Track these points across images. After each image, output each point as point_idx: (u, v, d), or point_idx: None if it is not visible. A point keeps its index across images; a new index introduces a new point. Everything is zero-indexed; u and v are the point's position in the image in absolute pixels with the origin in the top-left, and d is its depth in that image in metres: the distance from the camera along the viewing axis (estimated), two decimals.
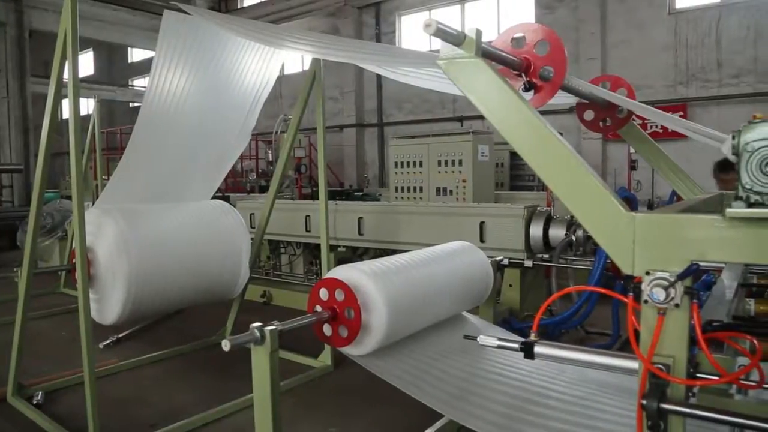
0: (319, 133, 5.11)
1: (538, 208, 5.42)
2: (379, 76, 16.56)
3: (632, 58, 12.69)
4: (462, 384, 2.64)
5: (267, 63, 4.88)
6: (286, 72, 18.06)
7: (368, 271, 2.72)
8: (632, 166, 10.58)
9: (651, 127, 10.57)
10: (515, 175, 10.45)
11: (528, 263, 5.25)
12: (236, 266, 4.97)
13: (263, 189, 12.66)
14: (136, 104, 23.10)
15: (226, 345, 2.32)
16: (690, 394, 1.55)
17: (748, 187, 1.34)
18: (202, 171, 5.11)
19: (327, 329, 2.71)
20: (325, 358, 5.09)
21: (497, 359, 2.84)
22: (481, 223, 5.46)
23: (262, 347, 2.41)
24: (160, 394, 4.56)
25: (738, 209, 1.34)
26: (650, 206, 8.31)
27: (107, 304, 4.23)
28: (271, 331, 2.40)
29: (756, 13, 11.41)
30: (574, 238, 5.05)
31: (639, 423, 1.48)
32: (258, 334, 2.39)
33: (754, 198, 1.34)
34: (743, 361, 1.62)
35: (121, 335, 5.87)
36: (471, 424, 2.39)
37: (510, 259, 5.19)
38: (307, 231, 7.11)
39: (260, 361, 2.44)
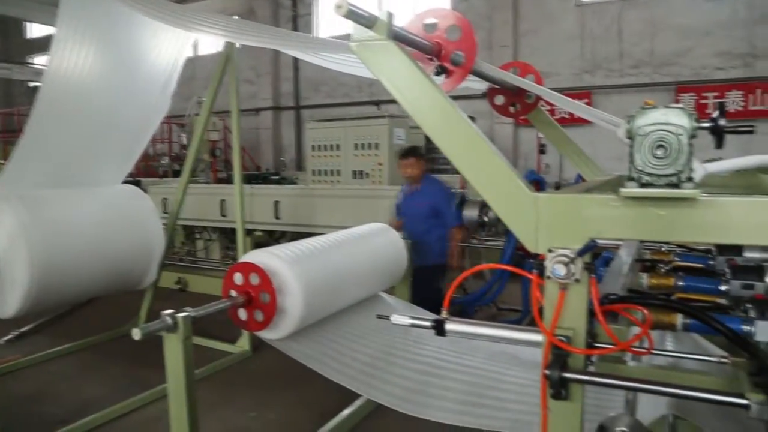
0: (233, 116, 5.01)
1: (452, 190, 5.54)
2: (295, 59, 16.28)
3: (542, 47, 13.15)
4: (378, 363, 2.69)
5: (179, 37, 4.69)
6: (200, 53, 17.43)
7: (283, 255, 2.71)
8: (541, 150, 11.02)
9: (559, 113, 11.00)
10: (431, 158, 10.52)
11: None
12: (148, 253, 4.80)
13: (177, 173, 12.21)
14: (36, 83, 21.57)
15: (136, 334, 2.27)
16: (589, 362, 1.65)
17: (640, 168, 1.43)
18: (111, 153, 4.88)
19: (242, 314, 2.68)
20: (243, 343, 5.05)
21: (414, 338, 2.91)
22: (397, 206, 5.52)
23: (175, 335, 2.36)
24: (69, 388, 4.37)
25: (631, 189, 1.43)
26: (557, 188, 8.69)
27: (6, 297, 3.98)
28: (183, 317, 2.36)
29: (653, 8, 12.10)
30: (486, 219, 5.21)
31: (543, 392, 1.56)
32: (170, 321, 2.34)
33: (645, 179, 1.42)
34: (636, 330, 1.74)
35: (24, 329, 5.56)
36: (387, 402, 2.45)
37: None
38: (222, 215, 6.97)
39: (173, 349, 2.39)
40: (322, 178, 8.23)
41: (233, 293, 2.68)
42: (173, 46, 4.72)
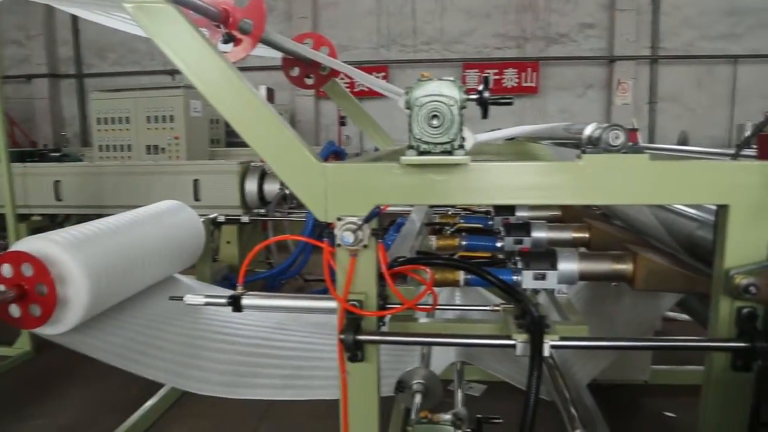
0: None
1: (252, 164, 5.44)
2: (75, 20, 14.56)
3: (341, 20, 13.34)
4: (175, 348, 2.58)
5: None
6: None
7: (61, 240, 2.44)
8: (341, 122, 11.24)
9: (358, 86, 11.29)
10: (232, 131, 10.25)
11: (245, 219, 5.27)
12: None
13: None
14: None
15: None
16: (381, 323, 1.74)
17: (418, 137, 1.51)
18: None
19: (15, 310, 2.37)
20: (23, 343, 4.54)
21: (213, 318, 2.83)
22: (195, 181, 5.29)
23: None
24: None
25: (410, 157, 1.52)
26: None
27: None
28: None
29: None
30: (287, 192, 5.20)
31: (340, 355, 1.62)
32: None
33: (423, 147, 1.52)
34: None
35: None
36: (188, 386, 2.37)
37: (226, 215, 5.15)
38: None
39: None
40: (111, 154, 7.57)
41: (1, 288, 2.36)
42: None
